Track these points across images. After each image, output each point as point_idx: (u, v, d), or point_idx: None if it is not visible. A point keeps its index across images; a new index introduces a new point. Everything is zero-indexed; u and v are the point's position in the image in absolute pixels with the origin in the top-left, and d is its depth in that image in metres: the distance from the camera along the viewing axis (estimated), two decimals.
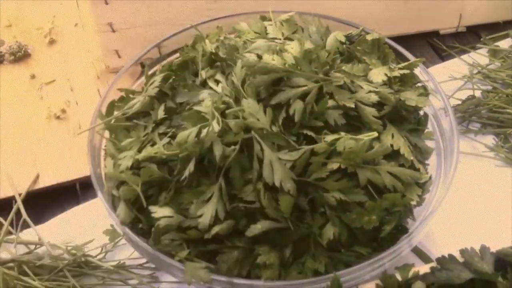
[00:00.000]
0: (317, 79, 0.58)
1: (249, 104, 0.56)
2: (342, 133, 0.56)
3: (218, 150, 0.54)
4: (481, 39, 0.95)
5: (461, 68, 0.89)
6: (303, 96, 0.57)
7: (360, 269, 0.55)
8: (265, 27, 0.70)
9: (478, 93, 0.84)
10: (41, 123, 0.84)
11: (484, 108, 0.82)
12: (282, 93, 0.57)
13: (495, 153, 0.78)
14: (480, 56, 0.91)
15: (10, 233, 0.69)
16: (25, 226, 0.69)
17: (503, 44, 0.92)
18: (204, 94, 0.61)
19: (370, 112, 0.58)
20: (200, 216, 0.54)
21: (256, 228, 0.54)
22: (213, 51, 0.65)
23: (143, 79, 0.68)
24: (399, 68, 0.64)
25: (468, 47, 0.93)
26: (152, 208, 0.56)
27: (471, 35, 0.98)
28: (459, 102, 0.83)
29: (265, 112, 0.56)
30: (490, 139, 0.80)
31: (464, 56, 0.91)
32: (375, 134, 0.57)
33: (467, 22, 0.97)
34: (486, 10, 0.97)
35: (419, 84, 0.66)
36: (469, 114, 0.82)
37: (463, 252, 0.58)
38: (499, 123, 0.81)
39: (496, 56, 0.90)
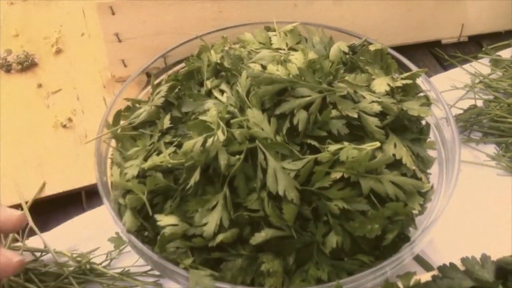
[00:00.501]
0: (320, 89, 0.58)
1: (254, 114, 0.57)
2: (345, 143, 0.56)
3: (223, 159, 0.55)
4: (483, 49, 0.95)
5: (463, 77, 0.89)
6: (307, 106, 0.57)
7: (363, 277, 0.55)
8: (270, 38, 0.71)
9: (479, 103, 0.85)
10: (47, 132, 0.85)
11: (485, 118, 0.82)
12: (286, 103, 0.57)
13: (497, 162, 0.79)
14: (481, 66, 0.91)
15: (16, 240, 0.69)
16: (31, 233, 0.70)
17: (505, 53, 0.93)
18: (209, 103, 0.62)
19: (373, 122, 0.59)
20: (205, 224, 0.55)
21: (260, 236, 0.54)
22: (218, 61, 0.66)
23: (149, 88, 0.69)
24: (402, 78, 0.64)
25: (470, 56, 0.94)
26: (158, 217, 0.56)
27: (473, 45, 0.99)
28: (461, 112, 0.83)
29: (269, 122, 0.57)
30: (491, 148, 0.81)
31: (466, 66, 0.92)
32: (378, 143, 0.57)
33: (469, 32, 0.98)
34: (488, 20, 0.97)
35: (421, 94, 0.66)
36: (471, 124, 0.83)
37: (464, 260, 0.58)
38: (501, 132, 0.81)
39: (497, 65, 0.90)
